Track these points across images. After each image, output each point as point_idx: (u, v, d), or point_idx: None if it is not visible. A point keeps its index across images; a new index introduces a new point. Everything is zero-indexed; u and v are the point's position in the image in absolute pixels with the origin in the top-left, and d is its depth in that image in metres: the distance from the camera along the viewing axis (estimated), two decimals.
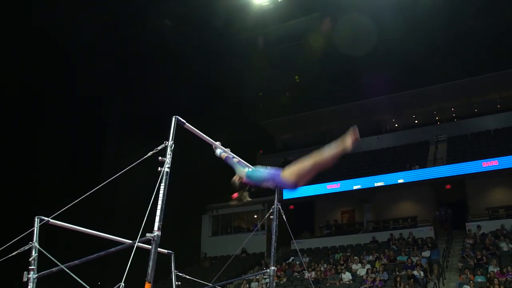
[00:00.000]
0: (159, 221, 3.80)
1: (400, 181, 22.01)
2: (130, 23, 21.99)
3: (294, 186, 4.31)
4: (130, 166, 4.34)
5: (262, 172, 4.55)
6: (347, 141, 4.19)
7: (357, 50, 22.98)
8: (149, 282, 3.65)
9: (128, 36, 22.16)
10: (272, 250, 6.62)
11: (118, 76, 23.24)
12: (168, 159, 3.95)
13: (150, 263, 3.68)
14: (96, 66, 21.73)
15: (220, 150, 4.99)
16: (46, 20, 18.95)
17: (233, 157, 5.01)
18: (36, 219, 4.96)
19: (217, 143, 4.99)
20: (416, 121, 31.25)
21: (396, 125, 31.87)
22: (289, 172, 4.28)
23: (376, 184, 22.40)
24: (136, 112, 23.95)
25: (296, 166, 4.26)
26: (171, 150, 3.98)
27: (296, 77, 28.80)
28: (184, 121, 4.24)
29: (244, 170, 4.70)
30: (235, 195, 4.84)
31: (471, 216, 21.54)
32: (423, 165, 23.11)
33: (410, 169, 22.61)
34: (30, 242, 4.84)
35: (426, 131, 28.13)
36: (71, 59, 20.87)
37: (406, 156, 25.49)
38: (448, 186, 22.54)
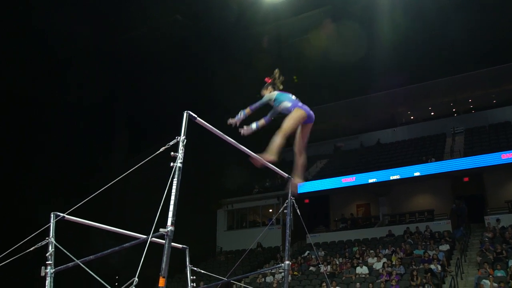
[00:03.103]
0: (173, 216, 3.80)
1: (416, 174, 21.80)
2: (142, 19, 22.04)
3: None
4: (143, 162, 4.35)
5: (286, 97, 5.02)
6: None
7: (369, 41, 22.76)
8: (163, 277, 3.66)
9: (139, 33, 22.22)
10: (287, 244, 6.60)
11: (131, 72, 23.37)
12: (180, 154, 3.94)
13: (164, 258, 3.68)
14: (108, 63, 21.87)
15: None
16: (55, 20, 19.11)
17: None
18: (52, 215, 5.01)
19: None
20: (432, 113, 30.89)
21: (412, 117, 31.54)
22: (299, 112, 5.02)
23: (392, 178, 22.22)
24: (149, 107, 24.08)
25: (293, 116, 5.03)
26: (183, 145, 3.98)
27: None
28: (196, 116, 4.23)
29: (271, 96, 5.10)
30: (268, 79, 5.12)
31: (490, 209, 21.24)
32: (439, 158, 22.84)
33: (426, 162, 22.37)
34: (47, 238, 4.90)
35: (443, 123, 27.83)
36: (82, 55, 21.04)
37: (422, 149, 25.22)
38: (466, 179, 22.23)
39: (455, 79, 27.59)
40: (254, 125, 5.16)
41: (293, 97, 5.05)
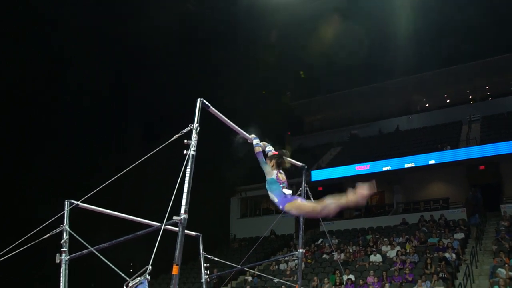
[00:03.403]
0: (186, 204, 3.80)
1: (431, 162, 21.57)
2: (154, 8, 22.00)
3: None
4: (157, 150, 4.35)
5: (276, 190, 4.62)
6: (359, 195, 4.41)
7: (384, 28, 22.46)
8: (177, 265, 3.66)
9: (153, 20, 22.18)
10: (300, 232, 6.61)
11: (143, 60, 23.39)
12: (193, 142, 3.93)
13: (178, 246, 3.69)
14: (119, 51, 21.93)
15: (256, 142, 4.82)
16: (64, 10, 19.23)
17: (265, 148, 4.91)
18: (66, 203, 5.05)
19: (252, 136, 4.89)
20: (448, 101, 30.49)
21: (427, 105, 31.17)
22: (295, 208, 4.54)
23: (406, 166, 22.03)
24: (163, 95, 24.12)
25: (305, 206, 4.57)
26: (196, 133, 3.96)
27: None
28: (209, 104, 4.21)
29: (268, 173, 4.70)
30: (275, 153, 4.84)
31: (506, 198, 20.96)
32: (455, 146, 22.56)
33: (441, 149, 22.12)
34: (61, 225, 4.94)
35: (459, 110, 27.43)
36: (95, 41, 21.12)
37: (438, 137, 24.91)
38: (482, 167, 21.93)
39: (472, 65, 27.17)
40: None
41: (284, 190, 4.66)
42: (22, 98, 21.00)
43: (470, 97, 29.85)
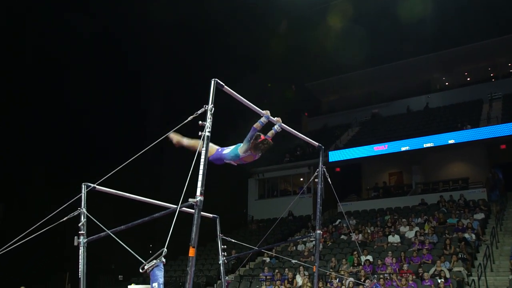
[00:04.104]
0: (202, 186, 3.76)
1: (451, 141, 21.25)
2: None
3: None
4: (171, 132, 4.31)
5: (231, 154, 5.09)
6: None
7: (401, 4, 21.96)
8: (193, 247, 3.64)
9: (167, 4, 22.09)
10: (318, 213, 6.55)
11: (160, 44, 23.38)
12: (208, 123, 3.88)
13: (194, 228, 3.67)
14: (139, 35, 21.96)
15: (264, 120, 4.92)
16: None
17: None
18: (83, 186, 5.06)
19: (265, 112, 4.93)
20: (468, 79, 29.88)
21: (447, 83, 30.59)
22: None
23: (425, 145, 21.75)
24: (179, 77, 24.12)
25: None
26: (211, 114, 3.91)
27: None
28: (223, 84, 4.13)
29: (242, 148, 5.03)
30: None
31: None
32: (475, 125, 22.14)
33: (461, 129, 21.75)
34: (79, 208, 4.96)
35: (479, 88, 26.86)
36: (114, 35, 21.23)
37: (457, 116, 24.49)
38: (503, 146, 21.52)
39: (492, 42, 26.48)
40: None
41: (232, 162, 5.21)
42: (39, 75, 21.28)
43: (492, 74, 29.18)
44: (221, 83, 4.09)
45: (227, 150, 5.11)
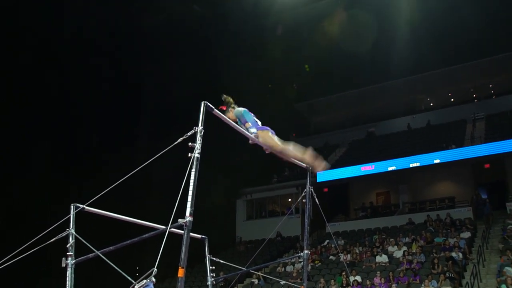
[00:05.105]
0: (191, 207, 3.80)
1: (437, 161, 21.52)
2: (158, 9, 22.13)
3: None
4: (161, 153, 4.35)
5: (251, 119, 5.36)
6: (309, 158, 5.63)
7: (386, 28, 22.46)
8: (182, 267, 3.66)
9: (159, 23, 22.31)
10: (305, 233, 6.59)
11: (147, 64, 23.53)
12: (198, 144, 3.93)
13: (183, 248, 3.69)
14: (126, 53, 22.05)
15: (253, 131, 5.28)
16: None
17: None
18: (72, 207, 5.06)
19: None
20: (452, 100, 30.41)
21: (431, 104, 31.10)
22: (263, 136, 5.27)
23: (411, 165, 21.99)
24: (168, 99, 24.20)
25: (271, 140, 5.29)
26: (200, 136, 3.97)
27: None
28: (213, 107, 4.22)
29: (240, 109, 5.42)
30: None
31: None
32: (460, 145, 22.49)
33: (446, 148, 22.05)
34: (67, 229, 4.96)
35: (463, 109, 27.36)
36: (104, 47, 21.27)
37: (442, 136, 24.85)
38: (487, 165, 21.85)
39: (475, 64, 27.11)
40: (253, 130, 5.39)
41: (254, 117, 5.47)
42: (24, 97, 21.16)
43: (474, 95, 29.77)
44: (211, 106, 4.17)
45: (248, 123, 5.35)
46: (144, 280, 3.68)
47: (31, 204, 20.25)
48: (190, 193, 3.82)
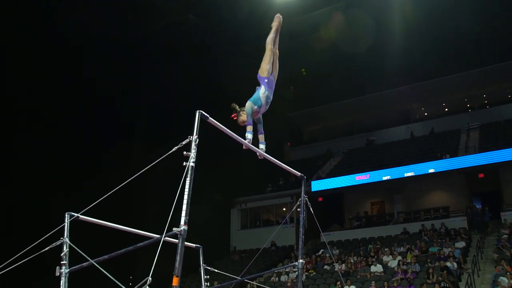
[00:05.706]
0: (186, 216, 3.81)
1: (431, 171, 21.58)
2: (154, 18, 22.21)
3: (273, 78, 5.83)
4: (155, 162, 4.36)
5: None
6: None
7: (381, 38, 22.62)
8: (177, 276, 3.66)
9: (153, 32, 22.39)
10: (300, 243, 6.59)
11: (142, 72, 23.56)
12: (192, 153, 3.95)
13: (178, 257, 3.69)
14: (121, 63, 22.07)
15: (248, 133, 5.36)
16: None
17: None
18: (66, 215, 5.05)
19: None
20: (446, 109, 30.59)
21: (426, 113, 31.26)
22: (261, 70, 5.71)
23: (406, 175, 22.04)
24: (163, 107, 24.21)
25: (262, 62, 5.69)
26: (195, 145, 3.98)
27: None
28: (208, 116, 4.23)
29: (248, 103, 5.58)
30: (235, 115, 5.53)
31: (506, 205, 20.93)
32: (454, 154, 22.59)
33: (441, 158, 22.13)
34: (61, 238, 4.93)
35: (457, 119, 27.49)
36: (98, 56, 21.28)
37: (437, 145, 24.96)
38: (481, 175, 21.89)
39: (468, 74, 27.32)
40: (249, 135, 5.38)
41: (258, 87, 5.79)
42: (26, 105, 21.16)
43: (468, 105, 29.97)
44: (206, 114, 4.18)
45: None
46: None
47: (30, 205, 20.16)
48: (184, 202, 3.83)
